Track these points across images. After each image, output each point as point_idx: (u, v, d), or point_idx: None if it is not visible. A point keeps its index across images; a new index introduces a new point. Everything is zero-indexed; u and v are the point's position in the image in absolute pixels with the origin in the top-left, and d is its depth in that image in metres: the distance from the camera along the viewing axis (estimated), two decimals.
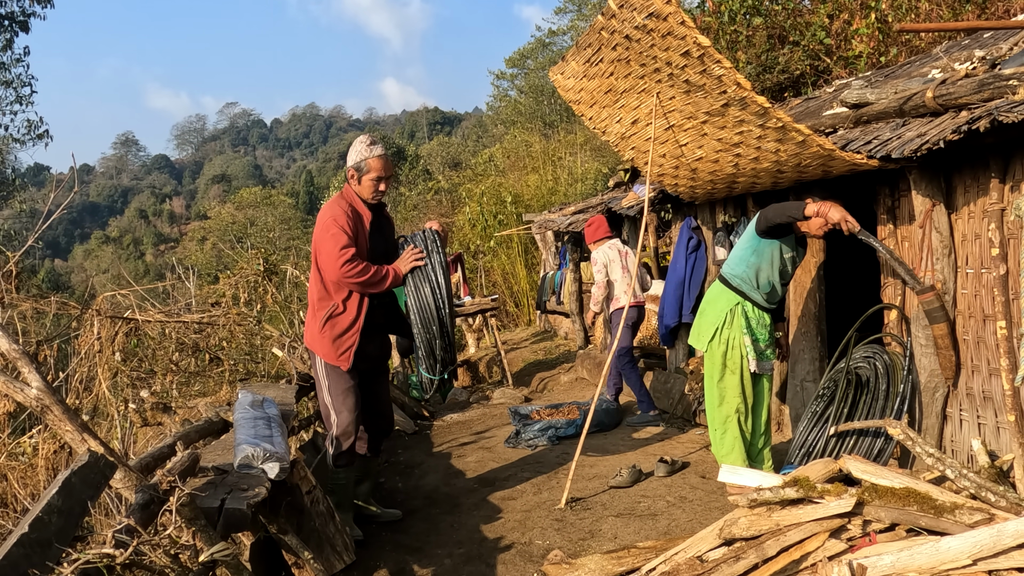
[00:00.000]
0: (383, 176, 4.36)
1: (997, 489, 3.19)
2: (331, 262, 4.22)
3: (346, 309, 4.40)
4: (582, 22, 35.72)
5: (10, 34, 23.65)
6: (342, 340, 4.38)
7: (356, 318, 4.39)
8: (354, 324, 4.38)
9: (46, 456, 5.45)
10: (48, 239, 74.27)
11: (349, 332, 4.38)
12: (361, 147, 4.36)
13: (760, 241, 4.77)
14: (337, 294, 4.37)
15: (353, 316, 4.40)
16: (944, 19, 9.36)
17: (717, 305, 4.94)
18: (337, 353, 4.39)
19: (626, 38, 4.56)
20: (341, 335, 4.38)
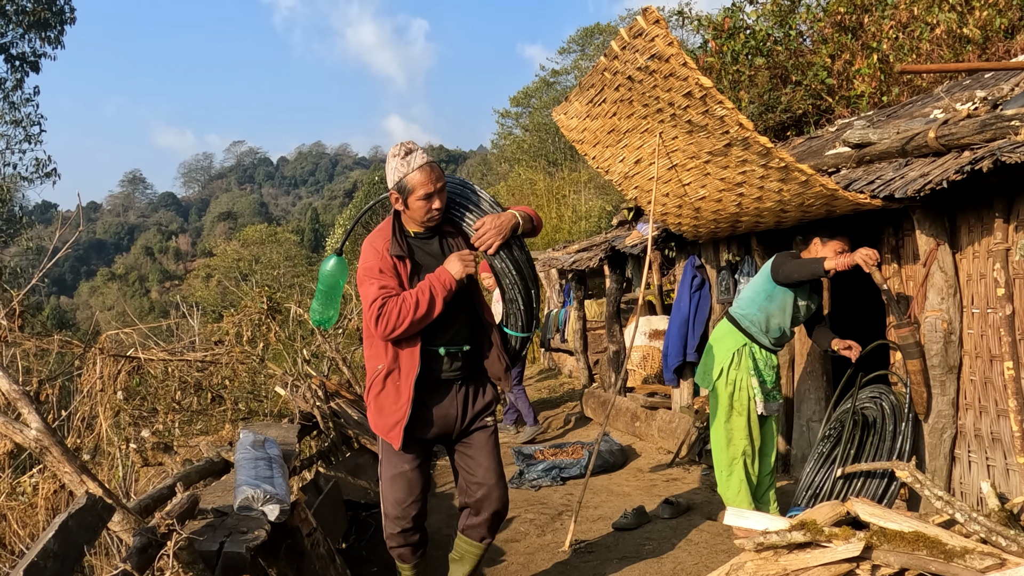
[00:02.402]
0: (433, 191, 3.31)
1: (1008, 533, 3.14)
2: (368, 322, 3.34)
3: (392, 369, 3.41)
4: (585, 62, 36.11)
5: (21, 74, 23.94)
6: (389, 411, 3.43)
7: (405, 381, 3.40)
8: (403, 390, 3.39)
9: (46, 496, 5.40)
10: (54, 276, 74.55)
11: (397, 401, 3.41)
12: (396, 163, 3.33)
13: (775, 287, 4.73)
14: (383, 349, 3.43)
15: (403, 378, 3.41)
16: (945, 59, 9.43)
17: (724, 344, 4.89)
18: (386, 427, 3.46)
19: (629, 79, 4.59)
20: (387, 403, 3.43)
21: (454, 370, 3.54)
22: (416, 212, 3.38)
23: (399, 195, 3.36)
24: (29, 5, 23.04)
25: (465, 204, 3.52)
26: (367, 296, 3.32)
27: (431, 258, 3.47)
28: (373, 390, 3.47)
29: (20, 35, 23.55)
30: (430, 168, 3.33)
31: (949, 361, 4.48)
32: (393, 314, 3.25)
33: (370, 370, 3.51)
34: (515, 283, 3.48)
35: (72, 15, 24.43)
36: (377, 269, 3.35)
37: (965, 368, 4.47)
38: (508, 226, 3.44)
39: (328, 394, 7.54)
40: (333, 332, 10.67)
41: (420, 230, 3.47)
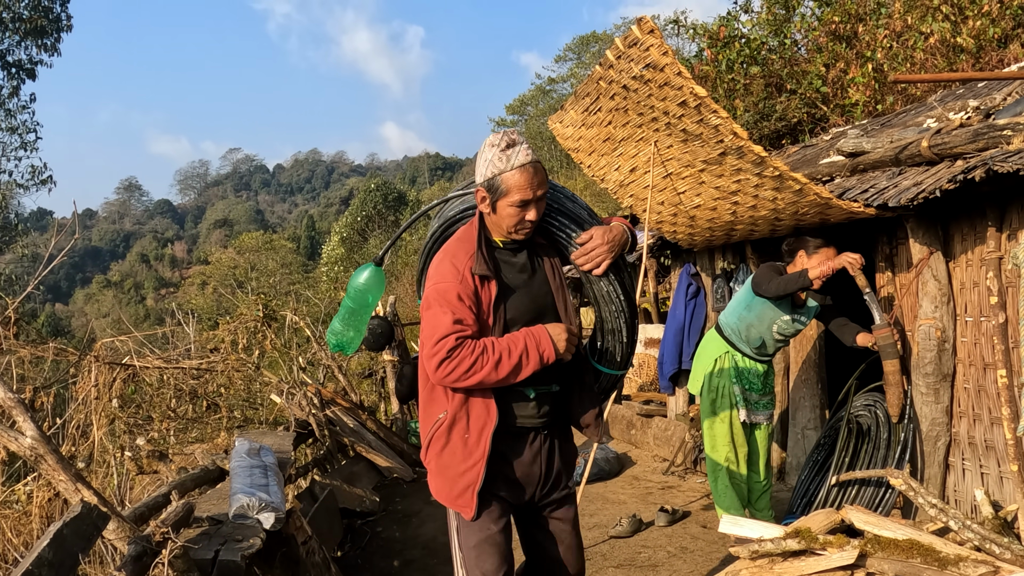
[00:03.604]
0: (532, 198, 2.59)
1: (1002, 541, 3.15)
2: (425, 360, 2.57)
3: (459, 418, 2.65)
4: (581, 70, 36.23)
5: (17, 81, 23.96)
6: (456, 472, 2.67)
7: (478, 433, 2.64)
8: (477, 445, 2.64)
9: (40, 504, 5.39)
10: (49, 283, 74.44)
11: (467, 459, 2.65)
12: (493, 154, 2.60)
13: (755, 298, 4.72)
14: (447, 397, 2.67)
15: (473, 429, 2.65)
16: (939, 69, 9.48)
17: (707, 351, 4.91)
18: (452, 493, 2.71)
19: (624, 88, 4.61)
20: (454, 463, 2.68)
21: (540, 416, 2.75)
22: (504, 220, 2.64)
23: (488, 194, 2.62)
24: (26, 12, 23.06)
25: (561, 211, 2.83)
26: (435, 327, 2.54)
27: (520, 277, 2.72)
28: (435, 446, 2.70)
29: (16, 42, 23.58)
30: (533, 169, 2.59)
31: (943, 369, 4.50)
32: (464, 364, 2.50)
33: (427, 419, 2.75)
34: (621, 311, 2.83)
35: (69, 22, 24.47)
36: (455, 294, 2.56)
37: (959, 376, 4.49)
38: (620, 242, 2.77)
39: (324, 402, 7.54)
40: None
41: (507, 239, 2.73)
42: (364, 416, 8.07)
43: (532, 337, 2.59)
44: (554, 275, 2.78)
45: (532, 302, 2.71)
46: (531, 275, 2.75)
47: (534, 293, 2.73)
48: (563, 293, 2.80)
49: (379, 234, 39.02)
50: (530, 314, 2.69)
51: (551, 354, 2.58)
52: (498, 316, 2.62)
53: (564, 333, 2.63)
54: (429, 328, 2.56)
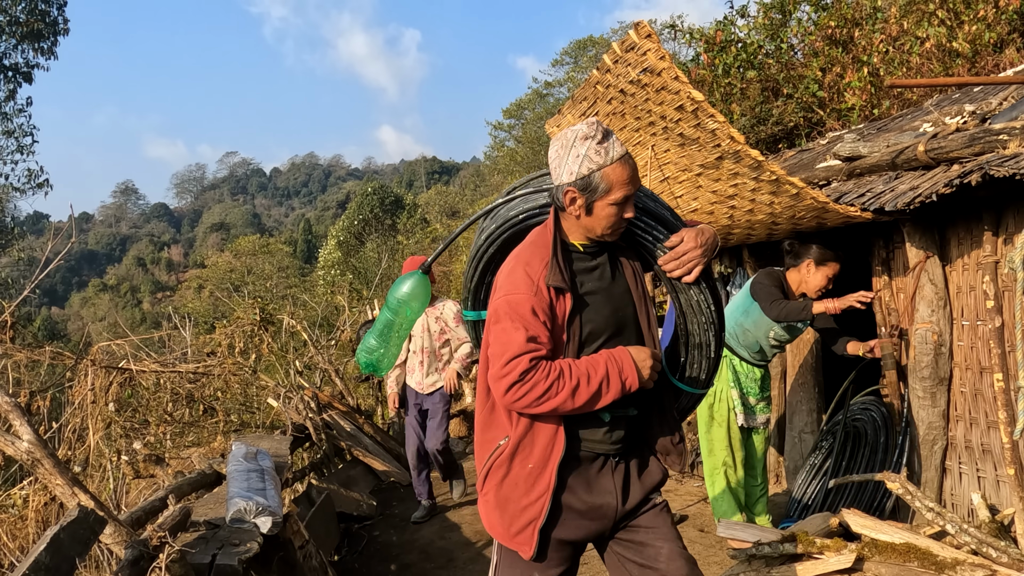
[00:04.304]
0: (631, 193, 2.35)
1: (999, 544, 3.16)
2: (493, 380, 2.31)
3: (523, 445, 2.38)
4: (578, 74, 36.25)
5: (14, 85, 23.96)
6: (517, 506, 2.40)
7: (543, 463, 2.37)
8: (542, 476, 2.37)
9: (36, 508, 5.38)
10: (45, 287, 74.33)
11: (530, 492, 2.38)
12: (588, 148, 2.30)
13: (752, 304, 4.73)
14: (510, 420, 2.40)
15: (538, 458, 2.38)
16: (935, 73, 9.50)
17: None
18: (510, 529, 2.42)
19: (621, 92, 4.62)
20: (515, 495, 2.40)
21: (614, 442, 2.45)
22: (601, 221, 2.35)
23: (581, 194, 2.31)
24: (23, 16, 23.06)
25: (645, 210, 2.52)
26: (506, 345, 2.28)
27: (599, 284, 2.44)
28: (494, 476, 2.42)
29: (13, 46, 23.58)
30: (632, 162, 2.35)
31: (939, 373, 4.50)
32: (537, 389, 2.23)
33: (485, 445, 2.47)
34: (711, 323, 2.52)
35: (66, 26, 24.48)
36: (529, 308, 2.28)
37: (955, 380, 4.50)
38: (712, 246, 2.47)
39: (321, 406, 7.53)
40: (326, 343, 10.66)
41: (587, 243, 2.44)
42: (361, 420, 8.07)
43: (614, 362, 2.31)
44: (636, 283, 2.50)
45: (612, 314, 2.43)
46: (611, 281, 2.47)
47: (615, 303, 2.45)
48: (645, 304, 2.51)
49: (376, 238, 39.00)
50: (610, 328, 2.42)
51: (634, 381, 2.31)
52: (573, 331, 2.36)
53: (649, 359, 2.35)
54: (499, 345, 2.29)
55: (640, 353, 2.34)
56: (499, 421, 2.42)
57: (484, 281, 2.79)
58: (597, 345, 2.39)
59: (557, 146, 2.36)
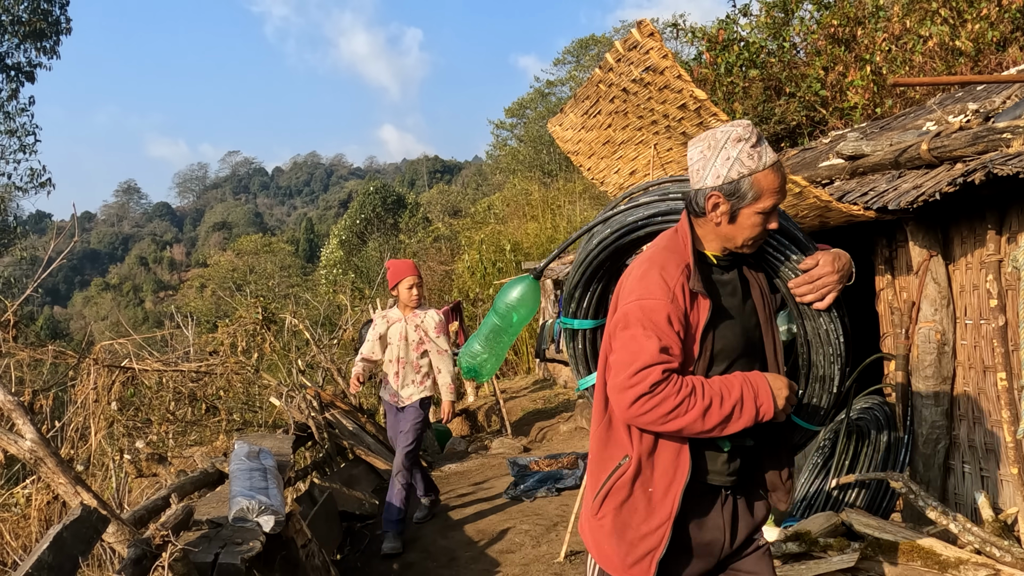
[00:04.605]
0: (779, 202, 2.19)
1: (1002, 543, 3.15)
2: (616, 391, 2.12)
3: (643, 467, 2.20)
4: (580, 73, 36.23)
5: (16, 84, 23.98)
6: (637, 533, 2.21)
7: (666, 488, 2.19)
8: (663, 503, 2.19)
9: (39, 507, 5.38)
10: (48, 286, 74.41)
11: (650, 518, 2.20)
12: (741, 151, 2.14)
13: None
14: (631, 438, 2.21)
15: (659, 483, 2.20)
16: (938, 72, 9.49)
17: None
18: (627, 559, 2.22)
19: (623, 91, 4.62)
20: (634, 521, 2.22)
21: (730, 474, 2.26)
22: (743, 231, 2.17)
23: (726, 200, 2.14)
24: (25, 16, 23.09)
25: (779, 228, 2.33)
26: (635, 353, 2.09)
27: (731, 300, 2.26)
28: (613, 499, 2.22)
29: (16, 45, 23.60)
30: (782, 170, 2.19)
31: (943, 372, 4.50)
32: (666, 404, 2.04)
33: (602, 463, 2.28)
34: (837, 355, 2.33)
35: (68, 25, 24.50)
36: (664, 316, 2.11)
37: (958, 379, 4.49)
38: (848, 273, 2.29)
39: (323, 405, 7.54)
40: (328, 342, 10.67)
41: (720, 254, 2.26)
42: (363, 419, 8.07)
43: (749, 386, 2.11)
44: (763, 303, 2.31)
45: (743, 333, 2.25)
46: (742, 299, 2.28)
47: (745, 322, 2.26)
48: (772, 327, 2.33)
49: (378, 237, 39.01)
50: (739, 348, 2.24)
51: (769, 410, 2.11)
52: (705, 346, 2.17)
53: (785, 388, 2.15)
54: (627, 353, 2.11)
55: (777, 381, 2.16)
56: (619, 438, 2.24)
57: (589, 288, 2.70)
58: (726, 366, 2.21)
59: (702, 147, 2.18)
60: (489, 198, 31.16)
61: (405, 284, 5.66)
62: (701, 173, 2.17)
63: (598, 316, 2.78)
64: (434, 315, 5.75)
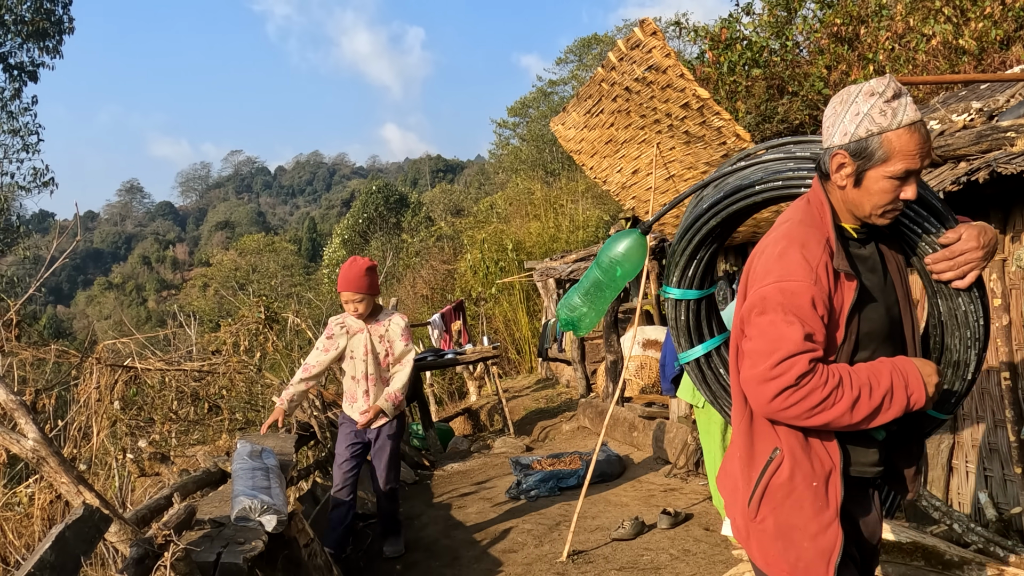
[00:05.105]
0: (917, 168, 1.93)
1: (1006, 543, 3.15)
2: (755, 383, 1.92)
3: (799, 459, 1.98)
4: (583, 72, 36.24)
5: (19, 84, 24.01)
6: (807, 534, 1.99)
7: (825, 478, 1.97)
8: (829, 496, 1.97)
9: (42, 506, 5.39)
10: (51, 285, 74.56)
11: (820, 515, 1.97)
12: (871, 106, 1.90)
13: None
14: (779, 428, 2.01)
15: (820, 473, 1.98)
16: (941, 71, 9.48)
17: None
18: (801, 564, 2.01)
19: (626, 90, 4.61)
20: (801, 521, 1.99)
21: (879, 464, 2.08)
22: (871, 197, 1.94)
23: (852, 160, 1.93)
24: (28, 15, 23.11)
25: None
26: (776, 341, 1.89)
27: (872, 278, 2.04)
28: (773, 495, 2.01)
29: (19, 45, 23.63)
30: (925, 131, 1.92)
31: None
32: (813, 397, 1.85)
33: (753, 460, 2.07)
34: (975, 339, 2.11)
35: (71, 25, 24.52)
36: (808, 299, 1.89)
37: None
38: (993, 249, 2.06)
39: (325, 404, 7.54)
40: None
41: (857, 226, 2.04)
42: None
43: (899, 373, 1.92)
44: (901, 281, 2.10)
45: (886, 314, 2.04)
46: (883, 277, 2.06)
47: (887, 302, 2.05)
48: (910, 307, 2.12)
49: (380, 236, 39.05)
50: (884, 331, 2.03)
51: (920, 398, 1.91)
52: (851, 331, 1.96)
53: (935, 374, 1.95)
54: (766, 341, 1.90)
55: (926, 367, 1.96)
56: (764, 430, 2.04)
57: (696, 256, 2.53)
58: (871, 351, 2.01)
59: (835, 103, 1.98)
60: (491, 197, 31.15)
61: (343, 298, 4.91)
62: (831, 131, 1.97)
63: (703, 286, 2.62)
64: (399, 320, 5.07)
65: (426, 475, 7.97)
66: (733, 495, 2.16)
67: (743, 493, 2.08)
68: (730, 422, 2.19)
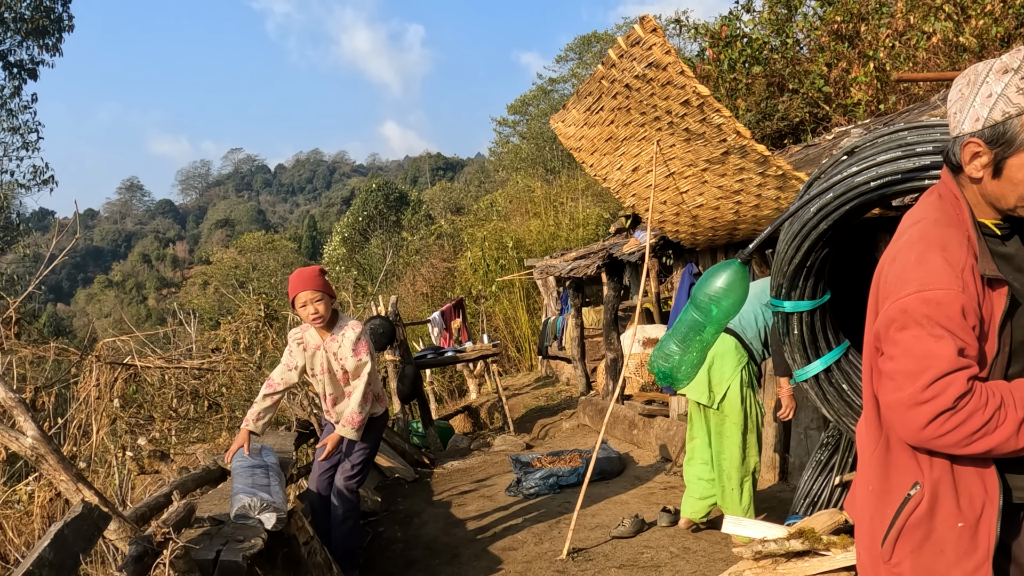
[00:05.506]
0: None
1: None
2: (902, 407, 1.66)
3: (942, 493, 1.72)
4: (582, 70, 36.22)
5: (19, 81, 23.98)
6: None
7: (976, 516, 1.71)
8: (979, 537, 1.71)
9: (42, 504, 5.39)
10: (51, 283, 74.57)
11: (968, 562, 1.72)
12: (1006, 84, 1.66)
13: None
14: (917, 460, 1.75)
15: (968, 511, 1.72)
16: (941, 68, 9.46)
17: (729, 361, 4.86)
18: None
19: (626, 87, 4.60)
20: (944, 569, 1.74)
21: None
22: (1015, 188, 1.69)
23: (988, 148, 1.69)
24: (27, 13, 23.09)
25: None
26: (925, 359, 1.64)
27: (1021, 279, 1.76)
28: (909, 537, 1.76)
29: (18, 43, 23.60)
30: None
31: None
32: (974, 421, 1.60)
33: (886, 495, 1.82)
34: None
35: (70, 22, 24.50)
36: (958, 310, 1.64)
37: None
38: None
39: None
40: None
41: (998, 220, 1.78)
42: None
43: None
44: None
45: None
46: None
47: None
48: None
49: (380, 234, 39.06)
50: None
51: None
52: (1004, 341, 1.71)
53: None
54: (912, 360, 1.64)
55: None
56: (902, 462, 1.78)
57: (806, 264, 2.32)
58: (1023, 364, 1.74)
59: (960, 85, 1.74)
60: (492, 195, 31.13)
61: (299, 302, 4.51)
62: (958, 117, 1.73)
63: (815, 295, 2.44)
64: (351, 334, 4.61)
65: (426, 473, 7.97)
66: (860, 528, 1.92)
67: (873, 530, 1.84)
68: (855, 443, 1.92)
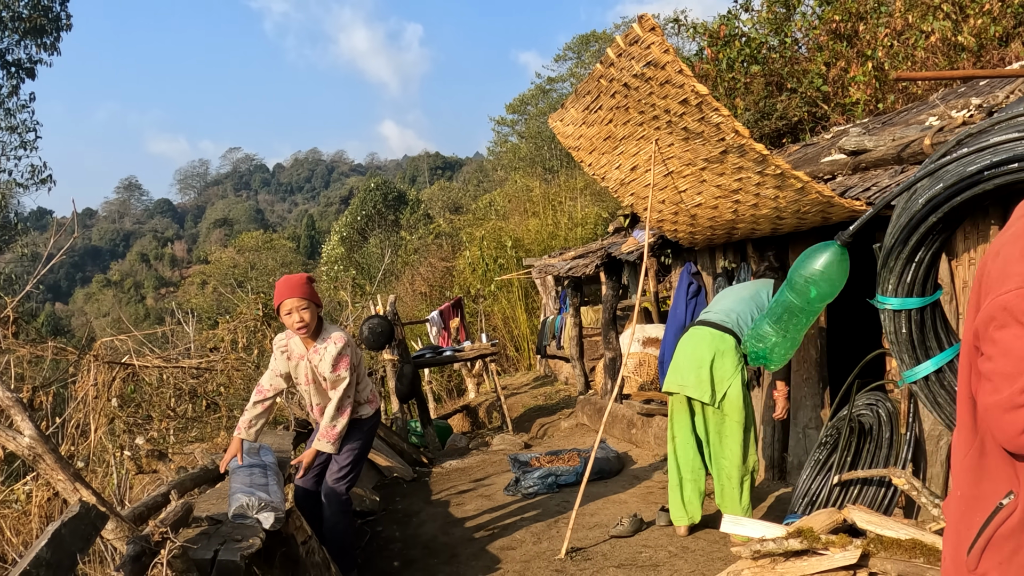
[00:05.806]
0: None
1: None
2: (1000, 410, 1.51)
3: None
4: (581, 69, 36.22)
5: (17, 80, 23.94)
6: None
7: None
8: None
9: (39, 504, 5.38)
10: (49, 283, 74.50)
11: None
12: None
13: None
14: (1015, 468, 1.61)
15: None
16: (940, 67, 9.47)
17: (730, 360, 4.86)
18: None
19: (625, 86, 4.60)
20: None
21: None
22: None
23: None
24: (25, 12, 23.05)
25: None
26: None
27: None
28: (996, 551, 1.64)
29: (16, 41, 23.57)
30: None
31: None
32: None
33: (975, 503, 1.72)
34: None
35: (68, 21, 24.45)
36: None
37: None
38: None
39: None
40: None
41: None
42: None
43: None
44: None
45: None
46: None
47: None
48: None
49: (379, 233, 39.05)
50: None
51: None
52: None
53: None
54: (1012, 361, 1.50)
55: None
56: (996, 469, 1.66)
57: (914, 259, 2.27)
58: None
59: None
60: (490, 194, 31.14)
61: (285, 309, 4.42)
62: None
63: (924, 292, 2.36)
64: (333, 348, 4.49)
65: (424, 472, 7.96)
66: (948, 532, 1.83)
67: (959, 536, 1.74)
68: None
